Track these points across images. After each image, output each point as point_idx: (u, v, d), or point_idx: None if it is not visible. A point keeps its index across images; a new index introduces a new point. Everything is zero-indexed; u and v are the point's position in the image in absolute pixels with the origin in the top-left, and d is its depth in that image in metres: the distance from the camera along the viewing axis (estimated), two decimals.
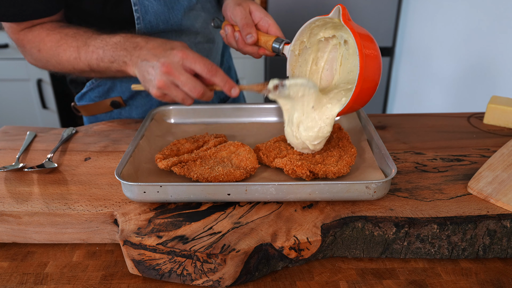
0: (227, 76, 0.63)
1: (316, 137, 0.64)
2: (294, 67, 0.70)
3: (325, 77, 0.71)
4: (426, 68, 1.90)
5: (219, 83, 0.63)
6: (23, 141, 0.79)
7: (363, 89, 0.57)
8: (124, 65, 0.67)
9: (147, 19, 0.77)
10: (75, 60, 0.72)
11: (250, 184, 0.56)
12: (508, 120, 0.84)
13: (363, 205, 0.58)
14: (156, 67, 0.62)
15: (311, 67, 0.70)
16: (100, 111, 0.93)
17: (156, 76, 0.61)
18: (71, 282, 0.53)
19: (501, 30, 1.38)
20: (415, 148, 0.75)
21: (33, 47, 0.75)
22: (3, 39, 2.08)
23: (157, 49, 0.63)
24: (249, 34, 0.70)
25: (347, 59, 0.67)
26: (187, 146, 0.69)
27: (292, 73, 0.70)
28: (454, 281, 0.52)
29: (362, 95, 0.58)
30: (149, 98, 0.93)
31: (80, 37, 0.71)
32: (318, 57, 0.70)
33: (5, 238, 0.59)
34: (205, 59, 0.62)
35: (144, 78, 0.64)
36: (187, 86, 0.61)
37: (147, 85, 0.65)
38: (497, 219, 0.54)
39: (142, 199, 0.58)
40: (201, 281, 0.52)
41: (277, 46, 0.69)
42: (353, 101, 0.58)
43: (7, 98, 2.23)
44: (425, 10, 1.87)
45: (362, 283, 0.52)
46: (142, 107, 0.93)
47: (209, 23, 0.91)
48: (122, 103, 0.91)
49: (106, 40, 0.69)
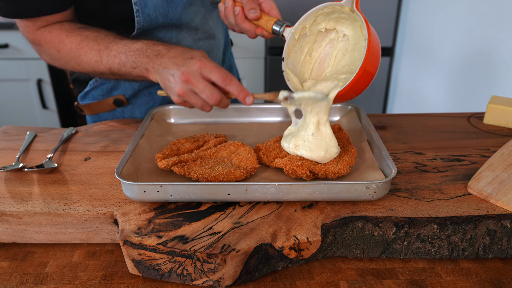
0: (241, 85, 0.65)
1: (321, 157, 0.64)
2: (291, 51, 0.70)
3: (316, 69, 0.72)
4: (426, 68, 1.91)
5: (233, 92, 0.64)
6: (23, 141, 0.79)
7: (365, 72, 0.59)
8: (146, 72, 0.70)
9: (146, 12, 0.78)
10: (96, 63, 0.74)
11: (250, 184, 0.56)
12: (508, 120, 0.84)
13: (363, 205, 0.58)
14: (176, 76, 0.64)
15: (305, 56, 0.71)
16: (103, 109, 0.94)
17: (176, 85, 0.64)
18: (71, 282, 0.53)
19: (501, 30, 1.38)
20: (415, 148, 0.75)
21: (52, 47, 0.76)
22: (3, 39, 2.08)
23: (178, 57, 0.65)
24: (253, 9, 0.70)
25: (344, 55, 0.68)
26: (187, 146, 0.69)
27: (288, 56, 0.70)
28: (454, 281, 0.52)
29: (362, 81, 0.60)
30: (152, 97, 0.93)
31: (101, 40, 0.73)
32: (313, 48, 0.71)
33: (5, 238, 0.59)
34: (221, 69, 0.64)
35: (165, 86, 0.67)
36: (205, 93, 0.63)
37: (169, 92, 0.67)
38: (497, 219, 0.54)
39: (142, 198, 0.58)
40: (201, 281, 0.52)
41: (278, 28, 0.69)
42: (355, 81, 0.59)
43: (7, 98, 2.23)
44: (425, 10, 1.87)
45: (362, 283, 0.52)
46: (145, 105, 0.94)
47: (208, 18, 0.91)
48: (125, 101, 0.92)
49: (128, 45, 0.71)
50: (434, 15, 1.80)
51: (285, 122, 0.84)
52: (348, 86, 0.60)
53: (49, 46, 0.76)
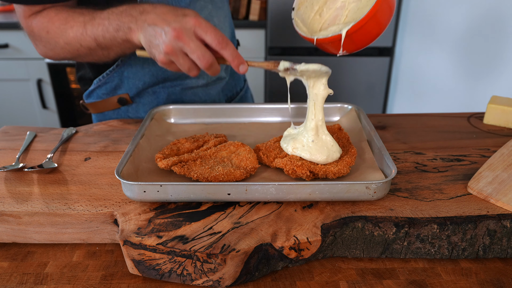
0: (237, 51, 0.61)
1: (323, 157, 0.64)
2: (302, 4, 0.68)
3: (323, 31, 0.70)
4: (426, 68, 1.91)
5: (228, 57, 0.61)
6: (23, 141, 0.79)
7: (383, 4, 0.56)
8: (129, 31, 0.65)
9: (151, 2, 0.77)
10: (82, 36, 0.71)
11: (250, 184, 0.56)
12: (508, 120, 0.84)
13: (363, 205, 0.58)
14: (167, 32, 0.59)
15: (314, 15, 0.69)
16: (107, 108, 0.94)
17: (165, 41, 0.59)
18: (71, 282, 0.53)
19: (501, 30, 1.38)
20: (415, 148, 0.75)
21: (42, 30, 0.74)
22: (3, 39, 2.08)
23: (167, 14, 0.62)
24: None
25: (355, 13, 0.65)
26: (187, 146, 0.69)
27: (298, 8, 0.68)
28: (454, 281, 0.52)
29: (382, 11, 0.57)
30: (156, 96, 0.93)
31: (87, 12, 0.71)
32: (324, 9, 0.69)
33: (5, 238, 0.59)
34: (217, 30, 0.60)
35: (150, 43, 0.62)
36: (196, 53, 0.59)
37: (154, 51, 0.62)
38: (497, 219, 0.54)
39: (142, 198, 0.58)
40: (201, 281, 0.52)
41: None
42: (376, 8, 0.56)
43: (7, 98, 2.23)
44: (425, 10, 1.87)
45: (362, 283, 0.52)
46: (149, 104, 0.94)
47: (214, 15, 0.90)
48: (129, 100, 0.92)
49: (112, 10, 0.68)
50: (434, 16, 1.80)
51: (285, 122, 0.84)
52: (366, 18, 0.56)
53: (39, 29, 0.74)
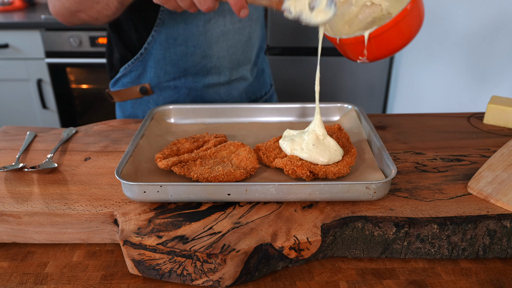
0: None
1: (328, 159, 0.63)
2: None
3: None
4: (426, 68, 1.91)
5: None
6: (23, 141, 0.79)
7: (413, 10, 0.56)
8: None
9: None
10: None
11: (250, 184, 0.56)
12: (508, 120, 0.84)
13: (363, 205, 0.58)
14: None
15: (343, 25, 0.67)
16: (130, 96, 0.97)
17: None
18: (71, 282, 0.53)
19: (501, 30, 1.38)
20: (415, 148, 0.75)
21: None
22: (3, 39, 2.08)
23: None
24: None
25: None
26: (187, 146, 0.69)
27: None
28: (454, 281, 0.52)
29: (410, 19, 0.56)
30: (177, 91, 0.95)
31: None
32: (354, 22, 0.67)
33: (5, 238, 0.59)
34: None
35: None
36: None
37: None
38: (497, 219, 0.54)
39: (142, 198, 0.58)
40: (201, 281, 0.52)
41: None
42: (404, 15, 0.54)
43: (7, 98, 2.23)
44: (425, 10, 1.87)
45: (362, 283, 0.52)
46: (170, 98, 0.96)
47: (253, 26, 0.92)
48: (149, 90, 0.95)
49: None
50: (434, 16, 1.80)
51: (285, 122, 0.84)
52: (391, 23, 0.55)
53: None
